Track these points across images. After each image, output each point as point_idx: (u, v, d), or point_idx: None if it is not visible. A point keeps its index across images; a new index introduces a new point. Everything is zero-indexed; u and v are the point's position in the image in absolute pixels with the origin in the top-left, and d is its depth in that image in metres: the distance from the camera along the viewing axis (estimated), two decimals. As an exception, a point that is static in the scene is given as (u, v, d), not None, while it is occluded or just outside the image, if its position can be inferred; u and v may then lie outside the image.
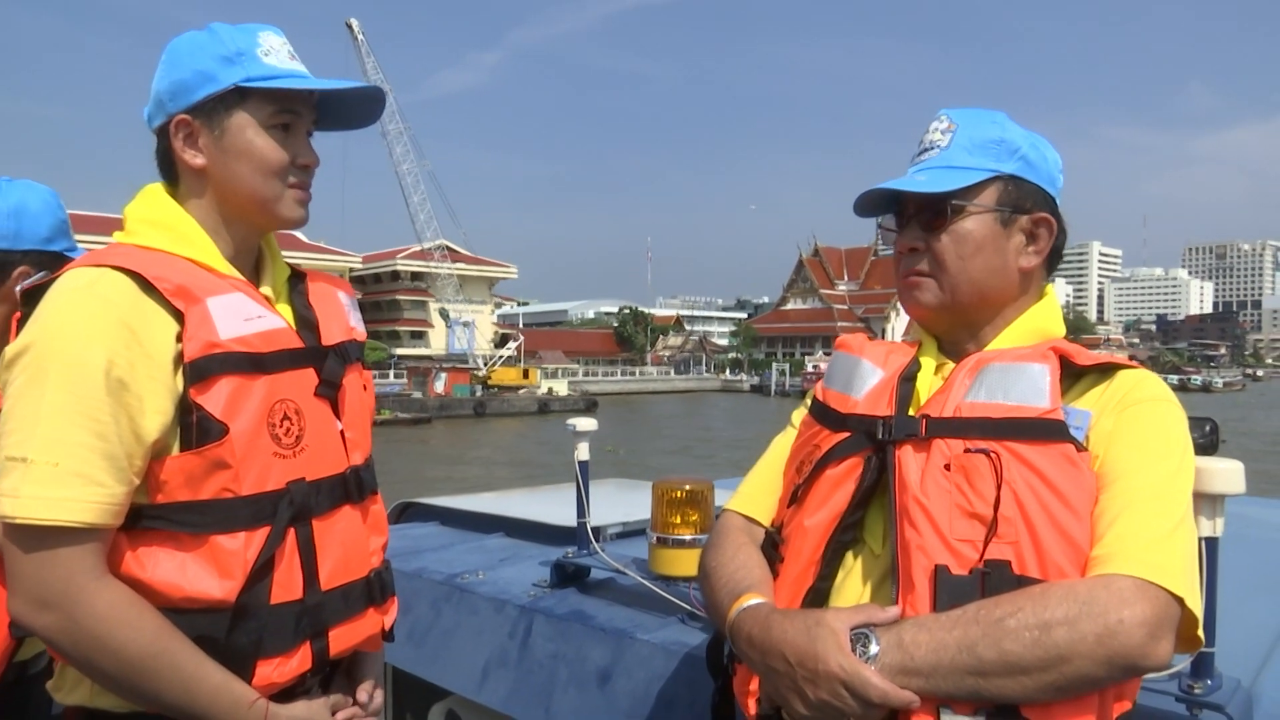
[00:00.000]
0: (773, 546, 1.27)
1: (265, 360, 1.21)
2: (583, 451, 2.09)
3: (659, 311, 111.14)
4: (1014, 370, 1.15)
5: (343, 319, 1.39)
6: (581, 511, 2.09)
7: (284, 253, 1.43)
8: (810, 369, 69.65)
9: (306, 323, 1.33)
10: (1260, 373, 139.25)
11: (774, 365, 77.77)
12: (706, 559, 1.30)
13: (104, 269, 1.16)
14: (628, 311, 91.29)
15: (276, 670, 1.21)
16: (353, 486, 1.31)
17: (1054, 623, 0.96)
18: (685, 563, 1.83)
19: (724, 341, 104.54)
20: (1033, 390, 1.12)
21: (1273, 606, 1.81)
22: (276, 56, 1.27)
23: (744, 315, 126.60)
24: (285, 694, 1.24)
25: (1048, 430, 1.08)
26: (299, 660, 1.23)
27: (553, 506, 2.68)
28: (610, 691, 1.72)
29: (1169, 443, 1.10)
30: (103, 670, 1.13)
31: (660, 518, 1.88)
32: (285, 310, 1.33)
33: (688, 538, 1.85)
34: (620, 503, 2.69)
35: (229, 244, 1.30)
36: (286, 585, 1.20)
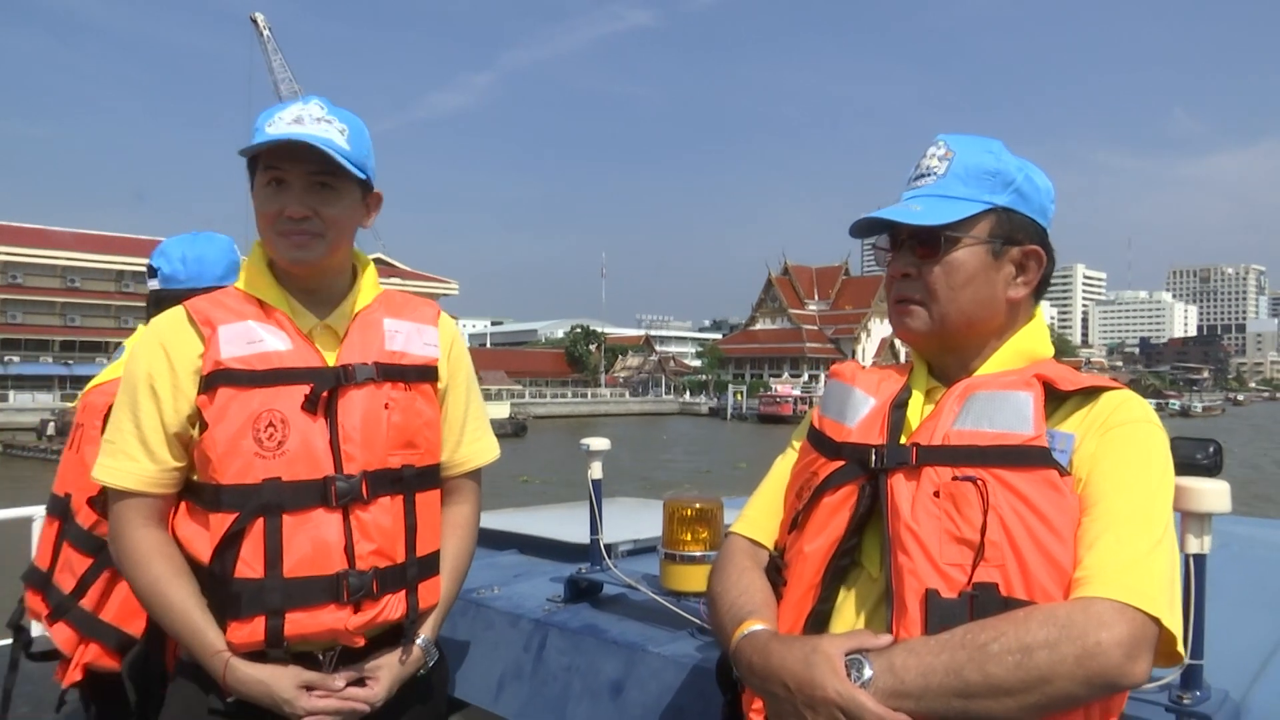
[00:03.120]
0: (776, 570, 1.38)
1: (259, 376, 1.53)
2: (595, 470, 2.26)
3: (628, 331, 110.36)
4: (999, 398, 1.24)
5: (375, 344, 1.63)
6: (595, 528, 2.26)
7: None
8: (773, 392, 69.98)
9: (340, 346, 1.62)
10: (1241, 397, 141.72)
11: (730, 388, 78.00)
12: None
13: (178, 306, 1.62)
14: (579, 330, 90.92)
15: (236, 633, 1.50)
16: (332, 493, 1.52)
17: (1035, 646, 1.05)
18: (695, 578, 1.96)
19: (697, 363, 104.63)
20: (1017, 418, 1.21)
21: (1264, 622, 1.94)
22: (276, 125, 1.54)
23: (719, 336, 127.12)
24: (259, 657, 1.51)
25: (1032, 456, 1.18)
26: (252, 630, 1.49)
27: (565, 524, 2.83)
28: (623, 703, 1.84)
29: (1148, 465, 1.19)
30: (136, 595, 1.56)
31: (671, 535, 2.02)
32: (334, 335, 1.62)
33: (698, 554, 1.98)
34: (631, 520, 2.83)
35: (293, 281, 1.62)
36: (250, 564, 1.49)
